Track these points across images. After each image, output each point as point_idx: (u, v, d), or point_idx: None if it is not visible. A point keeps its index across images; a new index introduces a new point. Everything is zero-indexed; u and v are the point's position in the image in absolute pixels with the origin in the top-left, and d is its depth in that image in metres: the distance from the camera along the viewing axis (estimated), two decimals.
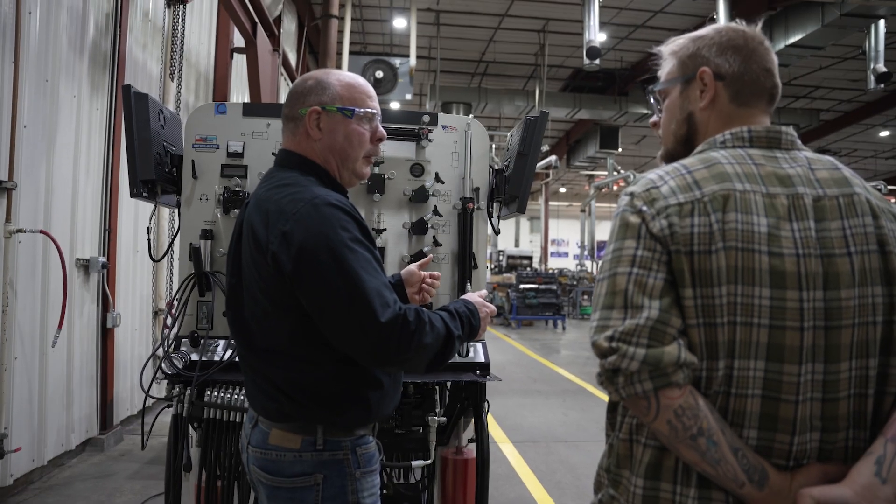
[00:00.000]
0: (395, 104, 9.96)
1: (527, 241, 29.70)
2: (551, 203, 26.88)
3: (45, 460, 4.14)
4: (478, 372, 2.56)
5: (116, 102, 4.96)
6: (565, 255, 34.07)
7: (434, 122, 2.70)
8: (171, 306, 2.63)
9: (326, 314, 1.40)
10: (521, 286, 15.98)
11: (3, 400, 3.69)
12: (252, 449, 1.54)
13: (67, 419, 4.44)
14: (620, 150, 17.68)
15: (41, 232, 3.98)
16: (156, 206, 2.64)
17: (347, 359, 1.45)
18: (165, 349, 2.47)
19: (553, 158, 16.30)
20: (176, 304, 2.57)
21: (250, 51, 6.70)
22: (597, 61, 9.40)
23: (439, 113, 2.86)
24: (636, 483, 1.09)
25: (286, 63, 8.90)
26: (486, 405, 2.63)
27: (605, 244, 1.16)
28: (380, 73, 9.33)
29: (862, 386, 1.06)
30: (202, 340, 2.49)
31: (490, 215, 2.80)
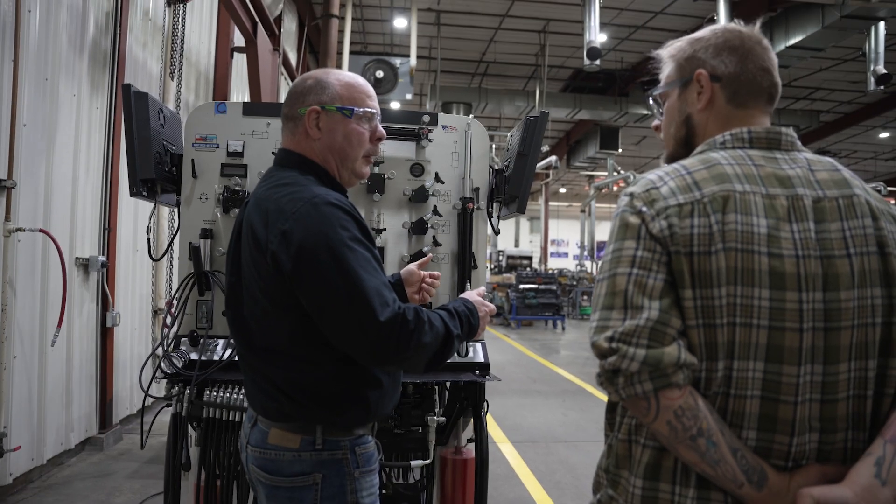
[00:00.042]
0: (395, 104, 9.96)
1: (527, 241, 29.70)
2: (551, 203, 26.87)
3: (44, 459, 4.14)
4: (477, 372, 2.57)
5: (116, 101, 4.96)
6: (565, 255, 34.05)
7: (434, 122, 2.70)
8: (170, 305, 2.63)
9: (326, 313, 1.40)
10: (521, 286, 15.98)
11: (2, 399, 3.69)
12: (251, 448, 1.55)
13: (67, 418, 4.44)
14: (620, 150, 17.68)
15: (41, 231, 3.97)
16: (155, 206, 2.64)
17: (347, 358, 1.45)
18: (165, 348, 2.47)
19: (553, 159, 16.28)
20: (175, 303, 2.56)
21: (250, 50, 6.70)
22: (597, 62, 9.40)
23: (439, 113, 2.86)
24: (635, 483, 1.09)
25: (286, 62, 8.89)
26: (486, 405, 2.63)
27: (605, 245, 1.16)
28: (380, 73, 9.34)
29: (861, 387, 1.06)
30: (202, 340, 2.49)
31: (490, 215, 2.80)
